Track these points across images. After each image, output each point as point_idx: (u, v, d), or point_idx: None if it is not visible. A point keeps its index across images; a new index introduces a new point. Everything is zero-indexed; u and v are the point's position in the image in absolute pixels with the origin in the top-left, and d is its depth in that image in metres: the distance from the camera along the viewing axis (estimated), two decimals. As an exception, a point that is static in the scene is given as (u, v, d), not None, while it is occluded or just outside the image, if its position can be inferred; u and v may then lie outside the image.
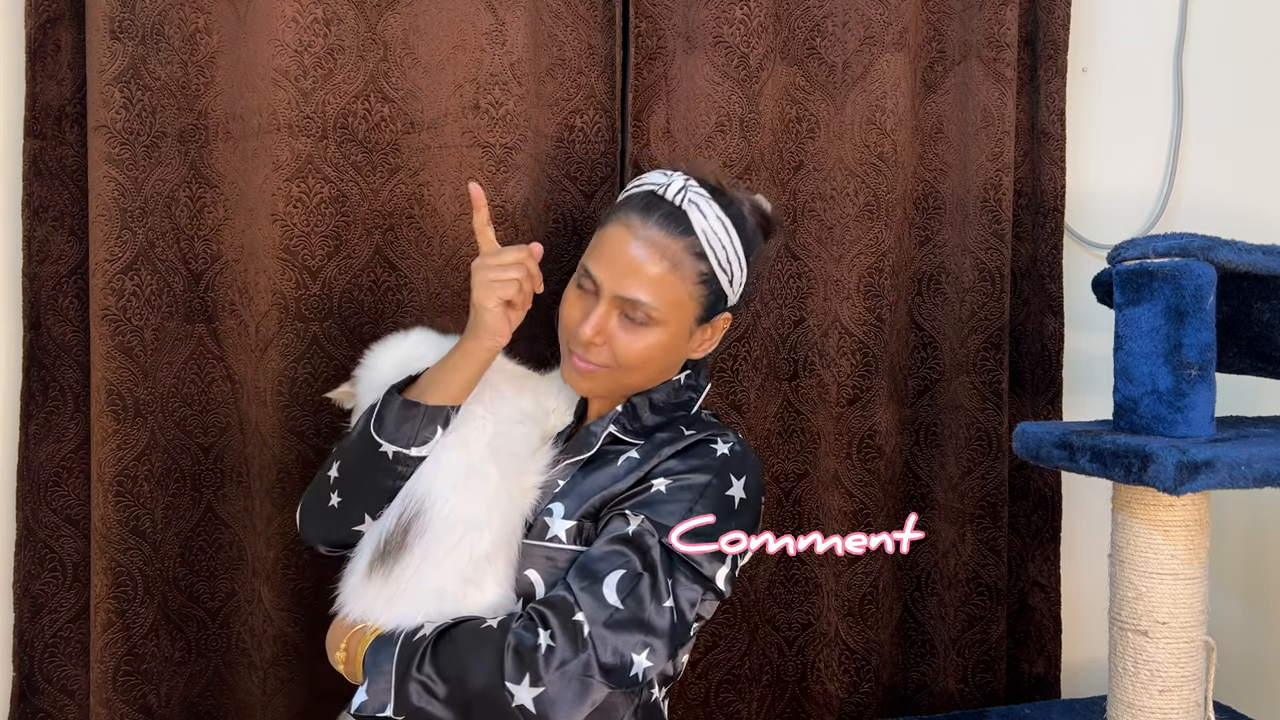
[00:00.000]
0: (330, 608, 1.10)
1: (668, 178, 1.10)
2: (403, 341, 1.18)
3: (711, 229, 1.07)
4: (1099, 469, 1.13)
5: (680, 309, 1.08)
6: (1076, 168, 1.66)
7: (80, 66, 1.30)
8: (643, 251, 1.05)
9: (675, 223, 1.06)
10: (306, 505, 1.14)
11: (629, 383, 1.11)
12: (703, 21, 1.43)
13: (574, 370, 1.11)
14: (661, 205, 1.07)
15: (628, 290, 1.05)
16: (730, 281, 1.11)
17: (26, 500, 1.32)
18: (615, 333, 1.07)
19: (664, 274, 1.05)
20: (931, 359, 1.57)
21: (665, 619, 0.99)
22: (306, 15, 1.29)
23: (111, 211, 1.26)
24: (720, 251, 1.08)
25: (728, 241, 1.09)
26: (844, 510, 1.52)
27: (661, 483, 1.05)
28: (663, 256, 1.05)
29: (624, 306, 1.06)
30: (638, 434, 1.12)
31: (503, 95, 1.35)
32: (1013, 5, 1.53)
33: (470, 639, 0.98)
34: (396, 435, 1.04)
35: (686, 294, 1.07)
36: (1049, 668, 1.63)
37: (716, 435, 1.11)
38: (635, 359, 1.08)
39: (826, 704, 1.53)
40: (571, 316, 1.10)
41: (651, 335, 1.07)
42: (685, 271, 1.06)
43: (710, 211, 1.08)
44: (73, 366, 1.33)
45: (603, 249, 1.08)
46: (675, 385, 1.15)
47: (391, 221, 1.35)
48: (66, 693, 1.34)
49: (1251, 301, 1.27)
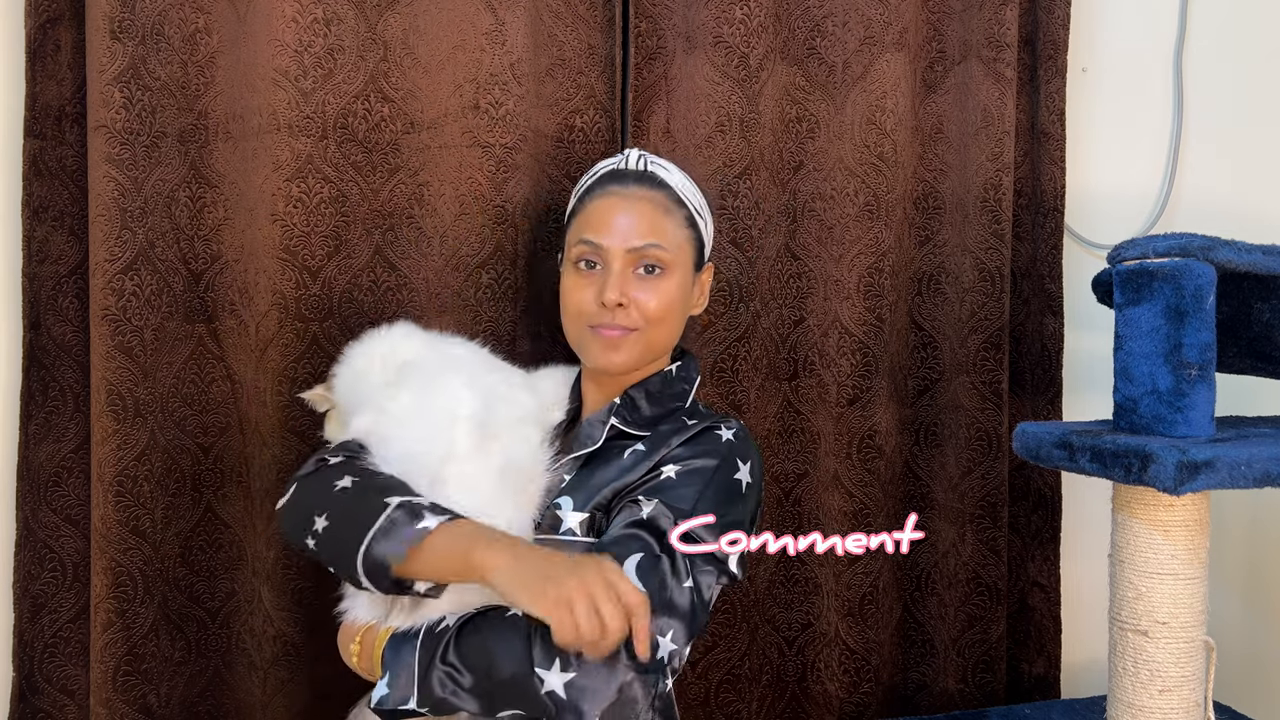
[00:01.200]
0: (330, 607, 1.10)
1: (620, 156, 1.19)
2: (385, 336, 1.15)
3: (680, 181, 1.18)
4: (1099, 469, 1.13)
5: (682, 251, 1.15)
6: (1076, 168, 1.66)
7: (80, 66, 1.30)
8: (637, 206, 1.13)
9: (650, 181, 1.16)
10: (290, 520, 1.06)
11: (656, 341, 1.14)
12: (703, 21, 1.43)
13: (603, 344, 1.12)
14: (630, 172, 1.17)
15: (639, 239, 1.11)
16: (705, 227, 1.20)
17: (26, 500, 1.32)
18: (636, 290, 1.11)
19: (662, 218, 1.13)
20: (931, 359, 1.57)
21: (686, 599, 0.99)
22: (306, 15, 1.29)
23: (111, 211, 1.26)
24: (693, 198, 1.18)
25: (694, 191, 1.20)
26: (844, 510, 1.52)
27: (671, 469, 1.06)
28: (654, 205, 1.14)
29: (638, 259, 1.12)
30: (639, 425, 1.13)
31: (503, 95, 1.35)
32: (1013, 5, 1.53)
33: (496, 627, 0.96)
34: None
35: (682, 235, 1.15)
36: (1049, 668, 1.63)
37: (719, 422, 1.13)
38: (659, 310, 1.12)
39: (826, 704, 1.53)
40: (583, 297, 1.13)
41: (667, 282, 1.13)
42: (675, 215, 1.15)
43: (673, 168, 1.19)
44: (73, 366, 1.33)
45: (597, 219, 1.13)
46: (668, 375, 1.18)
47: (391, 221, 1.35)
48: (66, 693, 1.34)
49: (1251, 301, 1.27)
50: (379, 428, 1.06)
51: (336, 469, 1.03)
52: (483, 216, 1.36)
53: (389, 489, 0.99)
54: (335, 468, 1.04)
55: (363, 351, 1.15)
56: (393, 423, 1.06)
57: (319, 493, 1.02)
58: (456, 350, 1.17)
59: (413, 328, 1.18)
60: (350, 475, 1.01)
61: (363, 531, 0.95)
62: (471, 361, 1.15)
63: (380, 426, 1.06)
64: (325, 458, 1.06)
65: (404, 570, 0.95)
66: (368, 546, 0.94)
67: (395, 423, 1.06)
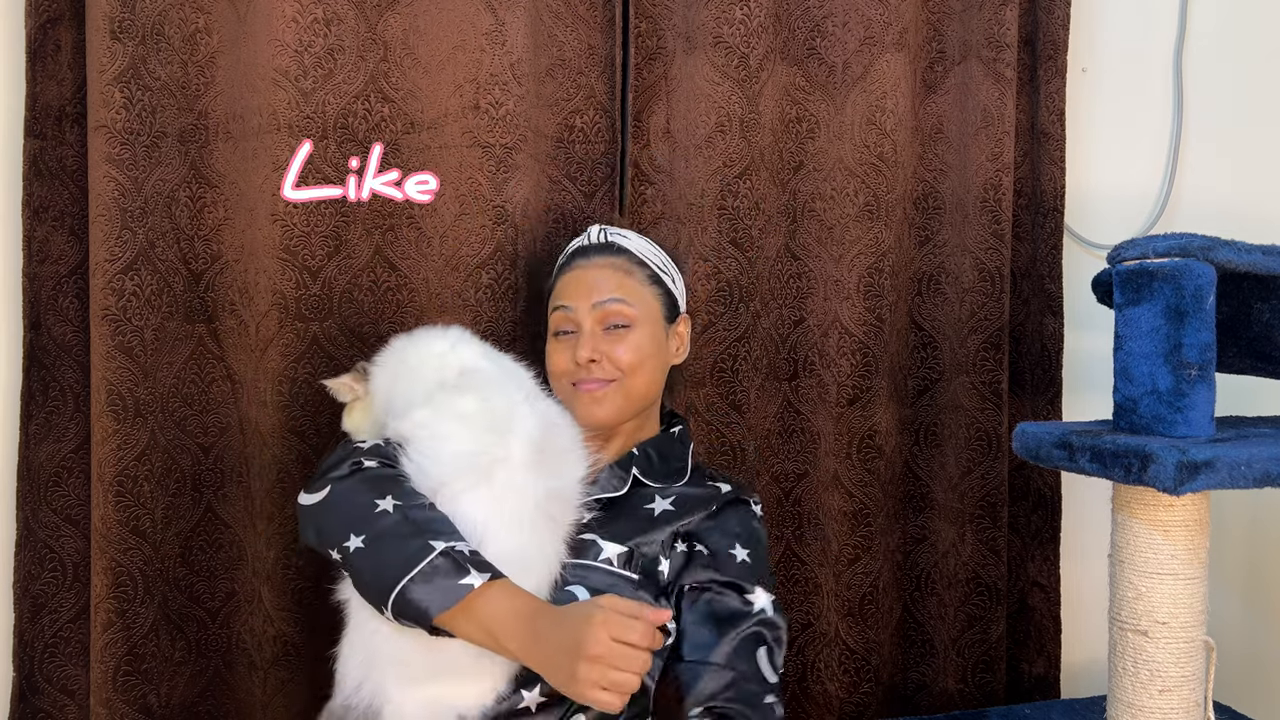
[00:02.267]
0: (330, 608, 1.10)
1: (584, 233, 1.30)
2: (443, 335, 1.16)
3: (639, 246, 1.27)
4: (1099, 469, 1.13)
5: (647, 305, 1.23)
6: (1076, 168, 1.66)
7: (80, 66, 1.30)
8: (600, 273, 1.23)
9: (611, 249, 1.26)
10: (320, 524, 1.05)
11: (635, 390, 1.21)
12: (703, 21, 1.43)
13: (586, 400, 1.19)
14: (593, 245, 1.27)
15: (602, 295, 1.21)
16: (673, 283, 1.29)
17: (26, 500, 1.32)
18: (606, 346, 1.19)
19: (623, 278, 1.23)
20: (931, 359, 1.57)
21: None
22: (306, 15, 1.29)
23: (111, 211, 1.26)
24: (654, 258, 1.27)
25: (655, 251, 1.28)
26: (844, 510, 1.52)
27: (743, 551, 1.16)
28: (615, 269, 1.23)
29: (604, 315, 1.20)
30: (654, 478, 1.20)
31: (503, 95, 1.35)
32: (1013, 5, 1.53)
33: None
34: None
35: (647, 292, 1.24)
36: (1049, 668, 1.63)
37: (746, 496, 1.23)
38: (632, 359, 1.20)
39: (826, 704, 1.53)
40: (563, 358, 1.21)
41: (635, 335, 1.21)
42: (637, 275, 1.24)
43: (632, 235, 1.29)
44: (73, 366, 1.33)
45: (568, 289, 1.23)
46: (670, 437, 1.27)
47: (391, 221, 1.35)
48: (66, 693, 1.34)
49: (1251, 301, 1.27)
50: (435, 424, 1.06)
51: (375, 483, 1.03)
52: (483, 216, 1.36)
53: (431, 525, 1.00)
54: (374, 481, 1.03)
55: (415, 349, 1.15)
56: (453, 420, 1.06)
57: (358, 511, 1.01)
58: (511, 366, 1.18)
59: (467, 334, 1.19)
60: (392, 497, 1.01)
61: (401, 570, 0.96)
62: (524, 381, 1.16)
63: (437, 423, 1.06)
64: (360, 462, 1.05)
65: (440, 621, 0.96)
66: (404, 587, 0.96)
67: (456, 420, 1.06)
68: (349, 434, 1.18)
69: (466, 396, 1.08)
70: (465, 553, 0.98)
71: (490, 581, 0.96)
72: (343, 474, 1.04)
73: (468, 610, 0.95)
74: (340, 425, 1.19)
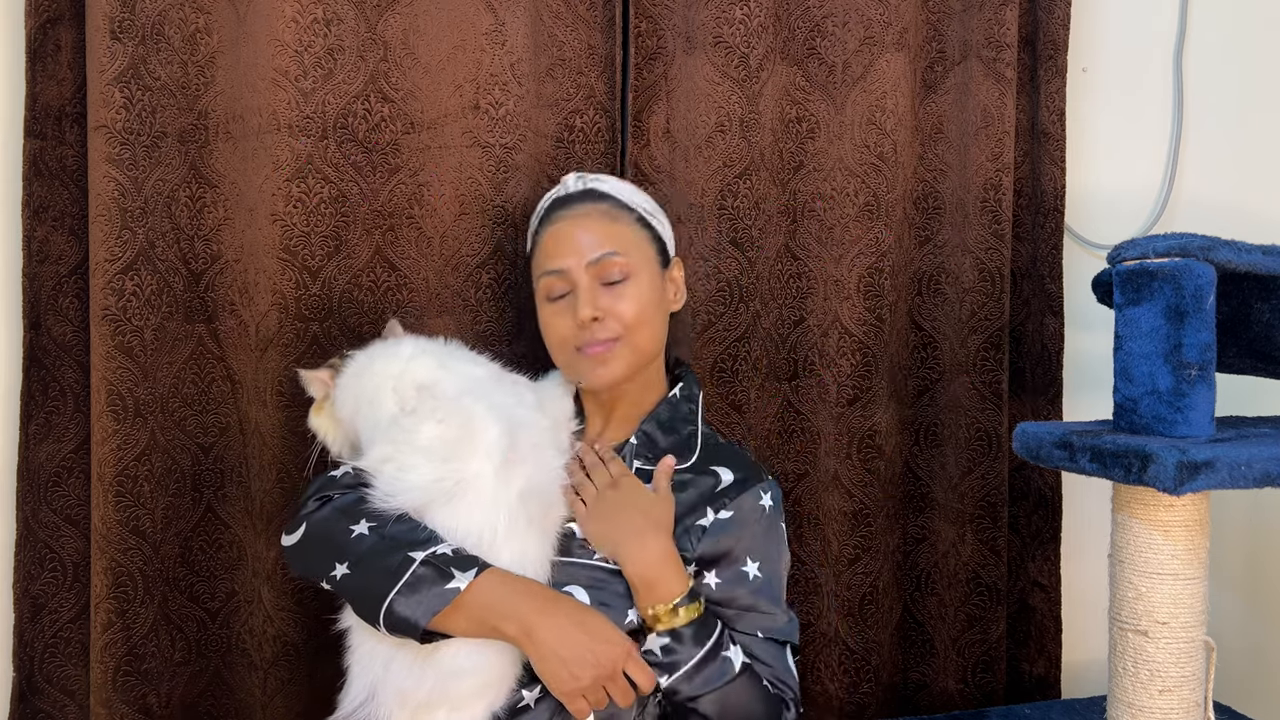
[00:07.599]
0: (330, 608, 1.10)
1: (560, 183, 1.25)
2: (395, 355, 1.13)
3: (620, 189, 1.23)
4: (1099, 469, 1.13)
5: (640, 251, 1.18)
6: (1076, 168, 1.66)
7: (80, 66, 1.30)
8: (585, 222, 1.17)
9: (593, 196, 1.21)
10: (305, 560, 1.06)
11: (641, 344, 1.17)
12: (703, 21, 1.43)
13: (591, 362, 1.15)
14: (572, 194, 1.21)
15: (595, 250, 1.15)
16: (661, 225, 1.24)
17: (26, 500, 1.32)
18: (607, 302, 1.14)
19: (611, 226, 1.17)
20: (931, 359, 1.57)
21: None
22: (306, 15, 1.29)
23: (111, 211, 1.26)
24: (637, 200, 1.22)
25: (637, 193, 1.24)
26: (844, 510, 1.52)
27: (752, 566, 1.13)
28: (602, 216, 1.18)
29: (600, 271, 1.15)
30: (659, 459, 1.15)
31: (503, 95, 1.35)
32: (1013, 5, 1.53)
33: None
34: None
35: (638, 236, 1.19)
36: (1049, 668, 1.63)
37: (754, 480, 1.17)
38: (635, 313, 1.15)
39: (826, 704, 1.53)
40: (562, 324, 1.16)
41: (635, 286, 1.16)
42: (624, 219, 1.19)
43: (610, 179, 1.24)
44: (73, 366, 1.33)
45: (553, 247, 1.17)
46: (673, 400, 1.21)
47: (391, 221, 1.35)
48: (66, 693, 1.34)
49: (1251, 301, 1.27)
50: (399, 456, 1.05)
51: (348, 510, 1.04)
52: (483, 216, 1.36)
53: (408, 537, 1.00)
54: (346, 509, 1.04)
55: (371, 373, 1.12)
56: (414, 453, 1.05)
57: (337, 539, 1.02)
58: (470, 369, 1.15)
59: (421, 343, 1.16)
60: (365, 520, 1.02)
61: (386, 585, 0.97)
62: (486, 382, 1.14)
63: (401, 455, 1.05)
64: (329, 495, 1.06)
65: (433, 626, 0.97)
66: (391, 602, 0.97)
67: (415, 452, 1.05)
68: (314, 433, 1.17)
69: (425, 425, 1.06)
70: (448, 554, 0.99)
71: (478, 576, 0.97)
72: (314, 510, 1.06)
73: (459, 608, 0.96)
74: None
